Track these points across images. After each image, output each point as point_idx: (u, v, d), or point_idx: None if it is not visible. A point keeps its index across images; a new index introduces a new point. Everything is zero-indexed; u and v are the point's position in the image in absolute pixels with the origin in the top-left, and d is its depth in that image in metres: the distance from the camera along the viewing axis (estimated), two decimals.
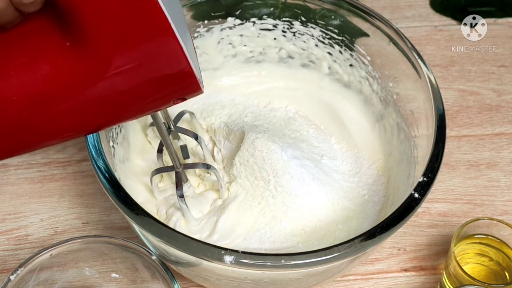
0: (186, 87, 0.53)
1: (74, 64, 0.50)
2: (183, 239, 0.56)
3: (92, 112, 0.53)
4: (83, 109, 0.52)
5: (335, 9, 0.72)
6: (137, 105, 0.54)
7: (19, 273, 0.60)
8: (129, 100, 0.53)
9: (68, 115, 0.52)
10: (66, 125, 0.54)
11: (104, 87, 0.51)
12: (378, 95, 0.74)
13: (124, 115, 0.56)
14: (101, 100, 0.52)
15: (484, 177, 0.78)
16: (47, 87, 0.51)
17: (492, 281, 0.67)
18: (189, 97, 0.54)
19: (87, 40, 0.49)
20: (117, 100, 0.52)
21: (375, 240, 0.56)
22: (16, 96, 0.51)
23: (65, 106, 0.52)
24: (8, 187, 0.76)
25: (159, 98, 0.53)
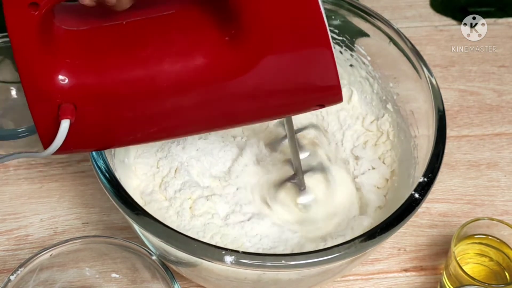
0: (330, 96, 0.55)
1: (227, 59, 0.51)
2: (183, 239, 0.56)
3: (235, 108, 0.54)
4: (228, 104, 0.54)
5: (335, 9, 0.72)
6: (280, 106, 0.55)
7: (19, 273, 0.60)
8: (273, 100, 0.54)
9: (212, 108, 0.54)
10: (207, 117, 0.55)
11: (251, 85, 0.52)
12: (378, 95, 0.74)
13: (266, 114, 0.57)
14: (245, 97, 0.53)
15: (484, 177, 0.78)
16: (198, 78, 0.52)
17: (492, 281, 0.67)
18: (328, 105, 0.56)
19: (245, 38, 0.50)
20: (262, 100, 0.54)
21: (375, 241, 0.56)
22: (166, 83, 0.52)
23: (211, 98, 0.53)
24: (8, 187, 0.76)
25: (301, 102, 0.55)
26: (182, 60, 0.52)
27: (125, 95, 0.53)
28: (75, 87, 0.53)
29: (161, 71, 0.52)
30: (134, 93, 0.53)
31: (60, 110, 0.53)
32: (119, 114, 0.55)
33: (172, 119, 0.56)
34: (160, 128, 0.57)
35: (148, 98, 0.54)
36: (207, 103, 0.54)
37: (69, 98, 0.53)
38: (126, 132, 0.57)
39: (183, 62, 0.52)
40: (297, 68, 0.52)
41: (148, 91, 0.53)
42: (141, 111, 0.55)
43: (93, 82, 0.53)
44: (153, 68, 0.52)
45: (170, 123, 0.56)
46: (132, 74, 0.53)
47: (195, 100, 0.54)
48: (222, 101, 0.54)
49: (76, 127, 0.54)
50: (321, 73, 0.52)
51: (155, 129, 0.57)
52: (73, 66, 0.52)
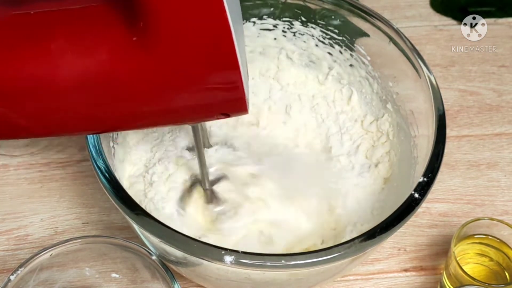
0: (234, 107, 0.54)
1: (132, 59, 0.50)
2: (183, 239, 0.56)
3: (137, 109, 0.53)
4: (130, 105, 0.53)
5: (335, 9, 0.72)
6: (182, 112, 0.54)
7: (19, 273, 0.60)
8: (175, 106, 0.53)
9: (111, 108, 0.53)
10: (106, 117, 0.54)
11: (154, 89, 0.51)
12: (378, 95, 0.74)
13: (166, 119, 0.56)
14: (147, 99, 0.52)
15: (484, 177, 0.78)
16: (100, 75, 0.51)
17: (492, 281, 0.67)
18: (233, 116, 0.56)
19: (152, 40, 0.49)
20: (164, 104, 0.53)
21: (375, 240, 0.56)
22: (68, 78, 0.51)
23: (111, 98, 0.52)
24: (8, 187, 0.76)
25: (204, 110, 0.54)
26: (86, 56, 0.50)
27: (25, 88, 0.52)
28: None
29: (64, 66, 0.51)
30: (35, 86, 0.51)
31: None
32: (16, 107, 0.53)
33: (71, 116, 0.54)
34: (55, 124, 0.55)
35: (48, 94, 0.52)
36: (110, 102, 0.53)
37: None
38: (25, 125, 0.55)
39: (87, 59, 0.50)
40: (204, 79, 0.51)
41: (49, 86, 0.51)
42: (39, 106, 0.53)
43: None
44: (56, 62, 0.50)
45: (68, 120, 0.55)
46: (34, 67, 0.51)
47: (98, 98, 0.52)
48: (124, 101, 0.53)
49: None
50: (226, 84, 0.51)
51: (51, 125, 0.55)
52: None
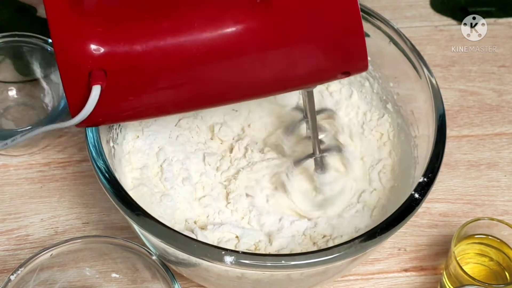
0: (356, 61, 0.55)
1: (257, 22, 0.51)
2: (183, 240, 0.56)
3: (265, 74, 0.55)
4: (258, 70, 0.54)
5: None
6: (307, 72, 0.55)
7: (19, 273, 0.60)
8: (301, 66, 0.54)
9: (243, 74, 0.54)
10: (237, 85, 0.56)
11: (281, 49, 0.53)
12: (378, 95, 0.74)
13: (293, 82, 0.57)
14: (275, 62, 0.53)
15: (485, 177, 0.78)
16: (229, 42, 0.52)
17: (492, 281, 0.67)
18: (354, 73, 0.56)
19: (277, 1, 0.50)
20: (290, 65, 0.54)
21: (376, 241, 0.56)
22: (197, 49, 0.52)
23: (242, 64, 0.53)
24: (8, 187, 0.76)
25: (328, 69, 0.55)
26: (213, 25, 0.52)
27: (155, 62, 0.54)
28: (106, 55, 0.53)
29: (192, 37, 0.52)
30: (164, 60, 0.53)
31: (91, 76, 0.53)
32: (148, 82, 0.55)
33: (200, 87, 0.55)
34: (188, 97, 0.57)
35: (178, 66, 0.54)
36: (237, 69, 0.54)
37: (100, 64, 0.53)
38: (155, 101, 0.57)
39: (214, 27, 0.52)
40: (325, 31, 0.52)
41: (179, 57, 0.53)
42: (171, 79, 0.55)
43: (123, 49, 0.53)
44: (183, 34, 0.53)
45: (198, 92, 0.56)
46: (162, 41, 0.53)
47: (225, 67, 0.54)
48: (252, 67, 0.54)
49: (106, 94, 0.54)
50: (347, 37, 0.53)
51: (183, 99, 0.57)
52: (105, 34, 0.53)
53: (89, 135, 0.61)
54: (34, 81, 0.81)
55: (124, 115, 0.59)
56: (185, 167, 0.69)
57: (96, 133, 0.61)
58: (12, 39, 0.79)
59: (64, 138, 0.80)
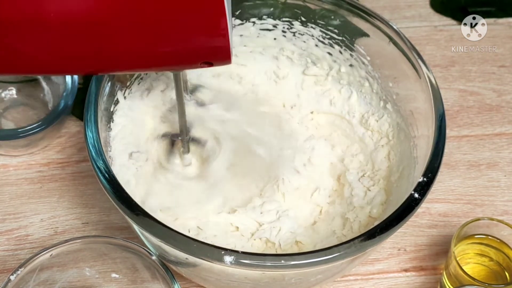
0: (217, 53, 0.53)
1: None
2: (183, 240, 0.56)
3: (120, 50, 0.53)
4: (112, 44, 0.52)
5: (335, 9, 0.72)
6: (165, 57, 0.54)
7: (19, 273, 0.60)
8: (159, 49, 0.53)
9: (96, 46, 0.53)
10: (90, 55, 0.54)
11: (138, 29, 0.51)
12: (378, 95, 0.74)
13: (150, 63, 0.56)
14: (131, 39, 0.52)
15: (484, 177, 0.78)
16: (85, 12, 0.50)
17: (492, 281, 0.67)
18: (216, 65, 0.55)
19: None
20: (147, 46, 0.53)
21: (375, 240, 0.56)
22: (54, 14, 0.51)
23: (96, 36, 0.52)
24: (8, 187, 0.76)
25: (188, 56, 0.54)
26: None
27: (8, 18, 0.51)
28: None
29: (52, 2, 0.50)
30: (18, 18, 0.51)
31: None
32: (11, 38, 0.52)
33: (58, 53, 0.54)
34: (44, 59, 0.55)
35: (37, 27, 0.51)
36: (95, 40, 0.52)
37: None
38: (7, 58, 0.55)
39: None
40: (187, 19, 0.51)
41: (37, 20, 0.51)
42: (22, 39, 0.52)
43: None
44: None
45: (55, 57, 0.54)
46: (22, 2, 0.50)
47: (84, 36, 0.52)
48: (109, 40, 0.52)
49: None
50: (212, 29, 0.51)
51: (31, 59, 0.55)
52: None
53: (89, 135, 0.61)
54: (34, 81, 0.81)
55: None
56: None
57: (96, 133, 0.61)
58: None
59: (64, 138, 0.80)
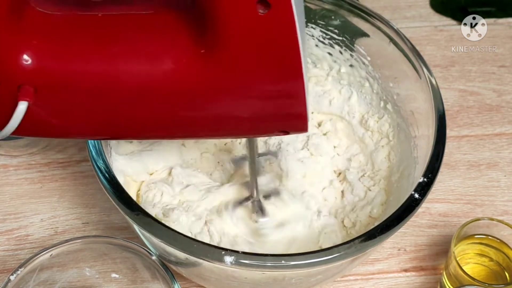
0: (295, 125, 0.54)
1: (197, 71, 0.50)
2: (183, 240, 0.56)
3: (197, 120, 0.54)
4: (189, 115, 0.53)
5: (335, 9, 0.72)
6: (243, 126, 0.55)
7: (19, 273, 0.60)
8: (237, 120, 0.54)
9: (173, 115, 0.53)
10: (166, 124, 0.54)
11: (217, 102, 0.52)
12: (378, 96, 0.74)
13: (227, 132, 0.57)
14: (209, 111, 0.53)
15: (484, 177, 0.78)
16: (164, 84, 0.51)
17: (492, 281, 0.67)
18: (292, 133, 0.56)
19: (220, 55, 0.49)
20: (226, 117, 0.53)
21: (375, 241, 0.56)
22: (131, 83, 0.51)
23: (173, 106, 0.52)
24: (8, 187, 0.76)
25: (265, 126, 0.55)
26: (151, 63, 0.51)
27: (87, 87, 0.52)
28: (38, 70, 0.51)
29: (128, 70, 0.51)
30: (96, 87, 0.52)
31: (20, 91, 0.51)
32: (78, 105, 0.53)
33: (130, 120, 0.54)
34: (116, 127, 0.55)
35: (109, 95, 0.52)
36: (172, 110, 0.53)
37: (31, 80, 0.51)
38: (82, 125, 0.56)
39: (151, 66, 0.51)
40: (266, 90, 0.51)
41: (111, 88, 0.52)
42: (100, 106, 0.53)
43: (56, 68, 0.51)
44: (120, 65, 0.51)
45: (127, 124, 0.55)
46: (97, 68, 0.51)
47: (158, 106, 0.53)
48: (186, 111, 0.53)
49: (34, 111, 0.52)
50: (290, 103, 0.52)
51: (110, 127, 0.56)
52: (40, 48, 0.51)
53: None
54: None
55: (52, 132, 0.57)
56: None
57: None
58: None
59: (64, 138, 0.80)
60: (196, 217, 0.66)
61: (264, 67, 0.49)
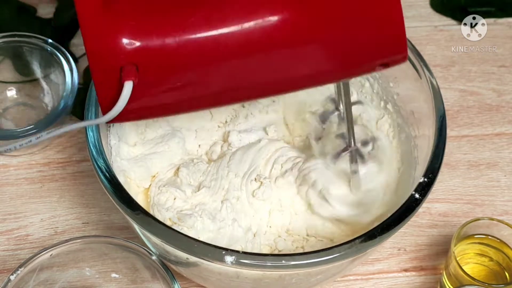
0: (395, 52, 0.53)
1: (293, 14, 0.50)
2: (183, 240, 0.56)
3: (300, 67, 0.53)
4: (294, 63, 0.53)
5: None
6: (345, 64, 0.54)
7: (19, 273, 0.60)
8: (339, 57, 0.53)
9: (278, 67, 0.53)
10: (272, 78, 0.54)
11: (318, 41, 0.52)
12: (378, 95, 0.74)
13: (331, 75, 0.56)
14: (312, 53, 0.52)
15: (484, 177, 0.78)
16: (264, 37, 0.51)
17: (492, 281, 0.67)
18: (392, 65, 0.55)
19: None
20: (327, 56, 0.53)
21: (376, 241, 0.56)
22: (232, 42, 0.51)
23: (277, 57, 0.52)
24: (8, 187, 0.76)
25: (366, 60, 0.54)
26: (248, 16, 0.51)
27: (189, 55, 0.52)
28: (139, 48, 0.52)
29: (227, 29, 0.51)
30: (198, 53, 0.52)
31: (123, 72, 0.52)
32: (182, 76, 0.54)
33: (235, 81, 0.54)
34: (221, 91, 0.55)
35: (212, 59, 0.52)
36: (274, 62, 0.53)
37: (132, 59, 0.52)
38: (188, 96, 0.56)
39: (249, 19, 0.51)
40: (363, 21, 0.51)
41: (213, 51, 0.52)
42: (205, 73, 0.53)
43: (156, 43, 0.52)
44: (218, 26, 0.51)
45: (233, 86, 0.55)
46: (196, 34, 0.52)
47: (262, 59, 0.53)
48: (290, 59, 0.53)
49: (138, 90, 0.53)
50: (386, 27, 0.51)
51: (216, 93, 0.56)
52: (137, 27, 0.52)
53: (89, 135, 0.61)
54: (34, 81, 0.81)
55: (157, 110, 0.57)
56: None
57: (96, 132, 0.61)
58: (12, 39, 0.79)
59: (64, 138, 0.80)
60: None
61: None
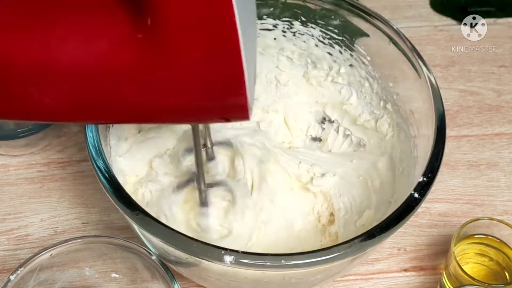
0: (235, 112, 0.52)
1: (134, 56, 0.49)
2: (183, 240, 0.56)
3: (133, 104, 0.52)
4: (125, 99, 0.52)
5: (335, 9, 0.72)
6: (180, 112, 0.53)
7: (19, 273, 0.60)
8: (174, 106, 0.52)
9: (108, 99, 0.52)
10: (102, 108, 0.53)
11: (153, 87, 0.50)
12: (378, 95, 0.74)
13: (164, 118, 0.55)
14: (144, 96, 0.51)
15: (484, 177, 0.78)
16: (99, 67, 0.49)
17: (492, 281, 0.67)
18: (233, 121, 0.54)
19: (159, 39, 0.47)
20: (162, 103, 0.52)
21: (375, 240, 0.56)
22: (65, 65, 0.50)
23: (109, 90, 0.51)
24: (8, 187, 0.76)
25: (204, 113, 0.53)
26: (86, 45, 0.49)
27: (20, 65, 0.50)
28: None
29: (63, 53, 0.50)
30: (29, 65, 0.50)
31: None
32: (9, 84, 0.52)
33: (64, 102, 0.53)
34: (48, 108, 0.54)
35: (41, 74, 0.51)
36: (107, 94, 0.52)
37: None
38: (16, 105, 0.54)
39: (86, 48, 0.49)
40: (204, 79, 0.50)
41: (47, 71, 0.50)
42: (32, 85, 0.52)
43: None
44: (54, 48, 0.50)
45: (60, 105, 0.53)
46: (32, 51, 0.50)
47: (96, 89, 0.51)
48: (121, 95, 0.52)
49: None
50: (229, 89, 0.50)
51: (42, 108, 0.54)
52: None
53: (89, 135, 0.61)
54: None
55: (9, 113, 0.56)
56: None
57: (96, 133, 0.61)
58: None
59: (64, 138, 0.80)
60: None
61: (201, 52, 0.48)
